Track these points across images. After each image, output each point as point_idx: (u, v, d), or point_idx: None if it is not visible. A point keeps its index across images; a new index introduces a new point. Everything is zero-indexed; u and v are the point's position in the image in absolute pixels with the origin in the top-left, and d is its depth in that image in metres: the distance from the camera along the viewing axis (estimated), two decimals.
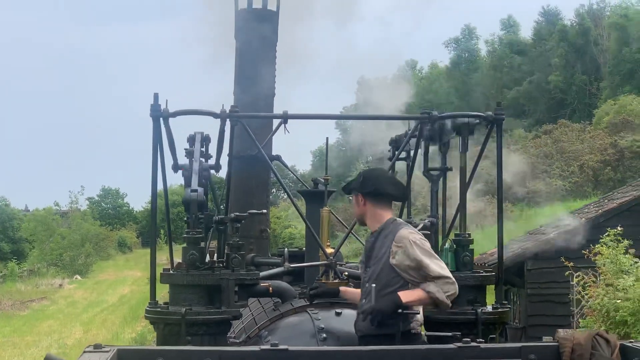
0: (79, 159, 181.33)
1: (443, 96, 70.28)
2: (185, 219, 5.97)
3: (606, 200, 20.24)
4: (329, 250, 6.29)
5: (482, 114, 6.23)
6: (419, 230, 6.14)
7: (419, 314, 5.41)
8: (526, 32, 79.10)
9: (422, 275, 5.25)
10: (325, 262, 6.28)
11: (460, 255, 6.10)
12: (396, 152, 6.93)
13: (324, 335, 5.64)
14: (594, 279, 13.83)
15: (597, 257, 13.79)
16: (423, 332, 6.05)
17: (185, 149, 6.17)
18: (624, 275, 12.97)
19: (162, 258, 8.59)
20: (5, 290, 45.98)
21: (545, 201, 38.30)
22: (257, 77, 8.41)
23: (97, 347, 3.82)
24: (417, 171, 6.57)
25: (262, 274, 6.27)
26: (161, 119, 5.85)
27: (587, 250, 14.21)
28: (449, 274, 5.29)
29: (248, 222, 7.10)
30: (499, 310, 6.04)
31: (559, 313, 16.81)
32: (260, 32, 8.53)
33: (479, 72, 76.63)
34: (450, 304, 5.30)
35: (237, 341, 5.59)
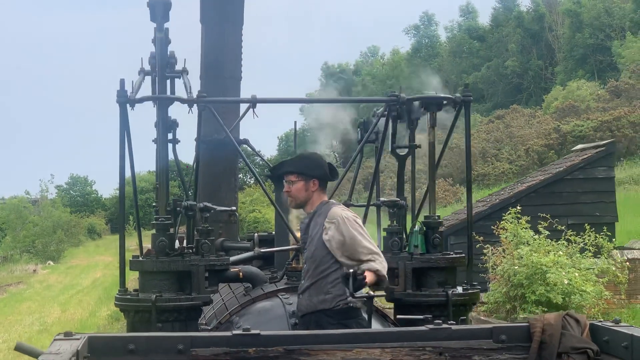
0: (46, 147, 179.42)
1: (404, 82, 70.15)
2: (154, 202, 5.76)
3: (519, 184, 22.28)
4: (299, 235, 6.12)
5: (450, 95, 6.08)
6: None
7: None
8: (484, 19, 79.33)
9: (351, 251, 5.13)
10: (296, 246, 6.11)
11: (430, 237, 5.93)
12: (364, 135, 6.75)
13: (295, 320, 5.46)
14: (501, 250, 15.50)
15: (501, 232, 15.70)
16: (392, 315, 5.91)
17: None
18: (522, 246, 14.96)
19: (132, 243, 8.39)
20: None
21: (494, 183, 38.92)
22: (223, 61, 8.16)
23: (68, 335, 3.67)
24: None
25: (232, 259, 6.08)
26: (128, 104, 5.63)
27: (495, 227, 16.13)
28: (379, 251, 5.22)
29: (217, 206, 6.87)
30: (470, 291, 5.89)
31: (476, 280, 18.15)
32: (226, 14, 8.26)
33: (438, 57, 76.65)
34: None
35: (209, 327, 5.39)
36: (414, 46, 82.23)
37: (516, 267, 14.56)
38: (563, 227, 15.94)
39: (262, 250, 6.37)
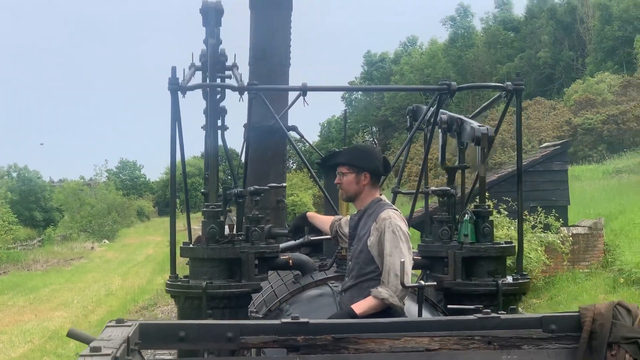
0: (95, 132, 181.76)
1: (440, 71, 69.49)
2: (202, 190, 5.51)
3: (493, 175, 25.17)
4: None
5: (501, 84, 5.73)
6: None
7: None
8: (519, 10, 78.33)
9: (382, 262, 4.76)
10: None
11: (480, 226, 5.58)
12: (413, 123, 6.42)
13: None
14: None
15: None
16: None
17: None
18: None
19: (179, 225, 8.23)
20: (46, 251, 51.06)
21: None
22: (272, 47, 7.85)
23: (120, 322, 3.54)
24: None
25: (281, 246, 5.80)
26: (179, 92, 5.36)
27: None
28: (403, 273, 4.63)
29: (265, 193, 6.58)
30: (520, 281, 5.53)
31: None
32: (275, 1, 7.94)
33: (474, 48, 75.67)
34: (403, 304, 4.75)
35: (260, 315, 5.12)
36: (451, 37, 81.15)
37: None
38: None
39: (313, 237, 6.05)
